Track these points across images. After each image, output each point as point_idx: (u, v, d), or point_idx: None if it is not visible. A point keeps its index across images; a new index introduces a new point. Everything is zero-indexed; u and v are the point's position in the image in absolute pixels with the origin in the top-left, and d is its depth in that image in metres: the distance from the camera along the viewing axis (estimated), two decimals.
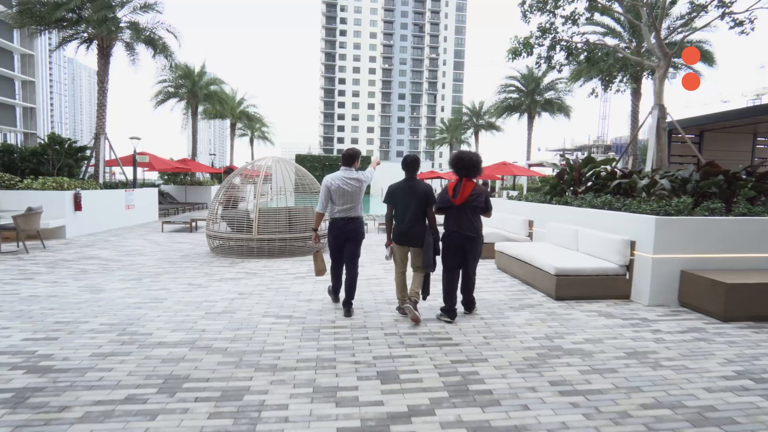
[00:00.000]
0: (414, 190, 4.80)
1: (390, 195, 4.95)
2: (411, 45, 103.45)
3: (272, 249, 8.80)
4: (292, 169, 9.97)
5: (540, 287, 6.31)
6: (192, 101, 27.50)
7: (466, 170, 4.88)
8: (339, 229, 5.07)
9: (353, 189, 5.03)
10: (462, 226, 4.84)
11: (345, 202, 5.02)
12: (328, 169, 44.35)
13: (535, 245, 7.48)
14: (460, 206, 4.83)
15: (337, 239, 5.11)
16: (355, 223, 5.08)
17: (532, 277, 6.54)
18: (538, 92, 28.94)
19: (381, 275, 7.43)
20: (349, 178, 5.05)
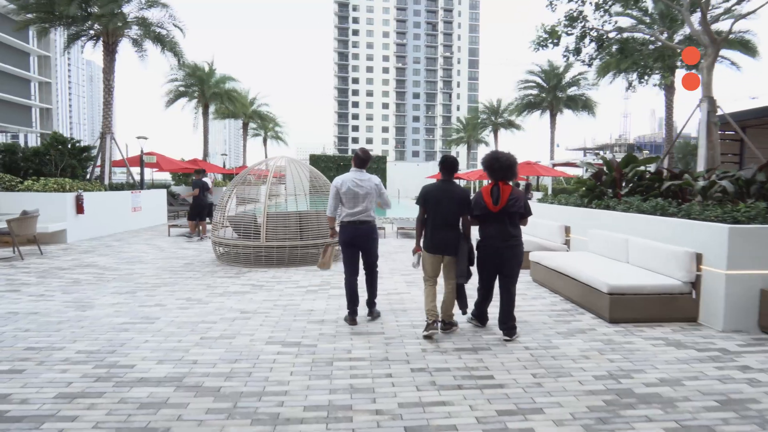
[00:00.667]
0: (451, 194, 4.41)
1: (423, 197, 4.53)
2: (424, 44, 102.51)
3: (281, 257, 8.07)
4: (304, 170, 9.24)
5: (588, 306, 5.46)
6: (202, 100, 27.01)
7: (503, 172, 4.45)
8: (350, 232, 4.84)
9: (365, 191, 4.80)
10: (501, 234, 4.42)
11: (355, 205, 4.79)
12: (342, 169, 43.51)
13: (577, 256, 6.62)
14: (498, 213, 4.38)
15: (349, 245, 4.89)
16: (367, 225, 4.85)
17: (579, 295, 5.69)
18: (561, 88, 27.80)
19: (402, 289, 6.65)
20: (360, 180, 4.83)
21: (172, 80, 26.31)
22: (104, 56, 16.69)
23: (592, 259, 6.30)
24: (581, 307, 5.65)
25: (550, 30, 9.90)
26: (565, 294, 6.09)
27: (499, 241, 4.43)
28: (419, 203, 4.58)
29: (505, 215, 4.41)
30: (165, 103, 26.35)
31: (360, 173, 4.91)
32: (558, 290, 6.33)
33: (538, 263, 6.95)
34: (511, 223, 4.45)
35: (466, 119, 49.57)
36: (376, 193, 4.93)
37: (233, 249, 8.21)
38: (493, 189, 4.45)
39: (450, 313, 4.58)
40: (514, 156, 4.62)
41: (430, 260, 4.54)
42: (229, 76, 28.28)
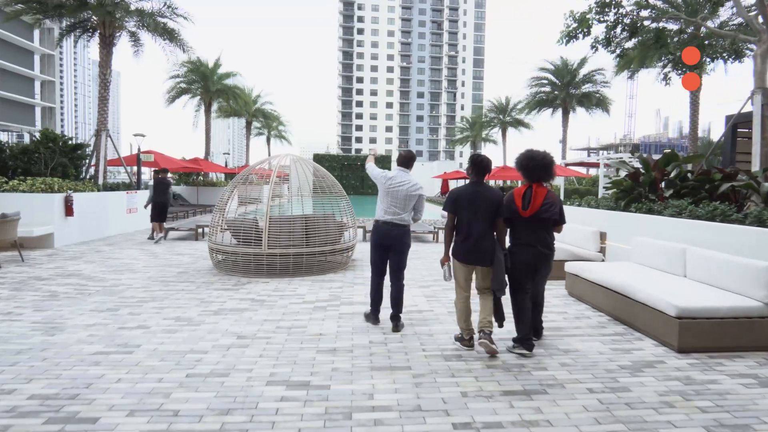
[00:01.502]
0: (484, 197, 4.02)
1: (453, 202, 4.13)
2: (429, 43, 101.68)
3: (285, 266, 7.27)
4: (309, 169, 8.44)
5: (646, 330, 4.62)
6: (205, 97, 26.22)
7: (539, 173, 4.12)
8: (383, 233, 4.72)
9: (404, 194, 4.65)
10: (533, 240, 4.08)
11: (394, 204, 4.67)
12: (346, 169, 42.87)
13: (623, 268, 5.78)
14: (529, 218, 4.05)
15: (379, 246, 4.78)
16: (400, 229, 4.69)
17: (632, 315, 4.85)
18: (574, 85, 26.87)
19: (423, 305, 5.83)
20: (403, 181, 4.70)
21: (173, 77, 25.53)
22: (100, 49, 15.92)
23: (642, 273, 5.46)
24: (635, 330, 4.82)
25: (580, 18, 9.05)
26: (613, 313, 5.26)
27: (531, 248, 4.07)
28: (448, 208, 4.17)
29: (537, 221, 4.06)
30: (166, 100, 25.59)
31: (403, 173, 4.79)
32: (602, 307, 5.50)
33: (576, 275, 6.12)
34: (545, 229, 4.10)
35: (472, 118, 48.66)
36: (413, 198, 4.74)
37: (232, 256, 7.41)
38: (526, 191, 4.10)
39: (489, 320, 4.06)
40: (550, 155, 4.28)
41: (463, 271, 4.13)
42: (233, 72, 27.49)
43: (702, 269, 4.98)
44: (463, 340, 4.16)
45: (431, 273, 7.78)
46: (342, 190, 8.45)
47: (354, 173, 43.25)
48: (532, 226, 4.08)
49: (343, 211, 8.28)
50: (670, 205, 6.58)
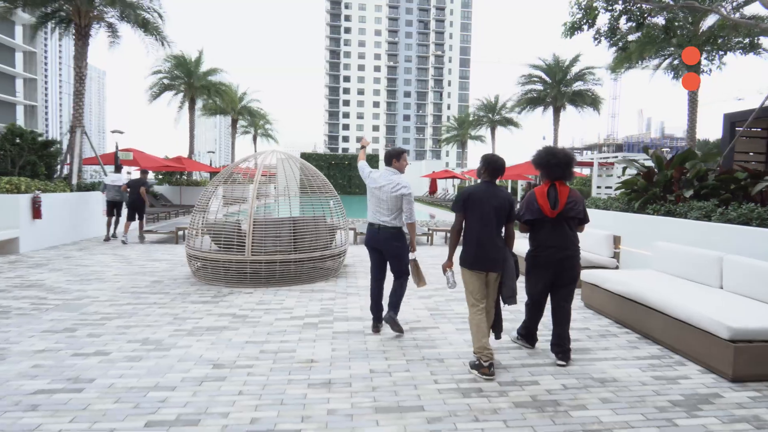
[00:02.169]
0: (497, 198, 3.75)
1: (463, 201, 3.80)
2: (416, 42, 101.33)
3: (271, 275, 6.57)
4: (297, 167, 7.75)
5: (689, 353, 4.02)
6: (188, 94, 25.19)
7: (561, 170, 3.92)
8: (370, 236, 4.55)
9: (385, 195, 4.38)
10: (560, 242, 3.87)
11: (378, 206, 4.46)
12: (333, 168, 42.15)
13: (647, 277, 5.20)
14: (554, 218, 3.86)
15: (370, 249, 4.63)
16: (387, 232, 4.42)
17: (670, 335, 4.25)
18: (566, 83, 26.45)
19: (427, 320, 5.18)
20: (386, 181, 4.42)
21: (156, 72, 24.44)
22: (75, 41, 14.96)
23: (670, 284, 4.89)
24: (673, 352, 4.23)
25: (587, 6, 8.49)
26: (643, 330, 4.66)
27: (557, 250, 3.86)
28: (456, 209, 3.83)
29: (562, 221, 3.87)
30: (149, 97, 24.49)
31: (388, 172, 4.51)
32: (629, 323, 4.91)
33: (596, 286, 5.53)
34: (570, 229, 3.92)
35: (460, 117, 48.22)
36: (398, 200, 4.39)
37: (211, 263, 6.68)
38: (550, 190, 3.89)
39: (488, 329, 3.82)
40: (572, 152, 4.15)
41: (475, 280, 3.76)
42: (218, 68, 26.49)
43: (743, 281, 4.42)
44: (482, 368, 3.59)
45: (431, 281, 7.14)
46: (333, 190, 7.78)
47: (341, 172, 42.55)
48: (557, 226, 3.87)
49: (334, 211, 7.60)
50: (694, 206, 6.03)
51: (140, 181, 11.31)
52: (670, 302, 4.22)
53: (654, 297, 4.45)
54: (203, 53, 25.57)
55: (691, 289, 4.64)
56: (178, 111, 25.92)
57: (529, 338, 4.27)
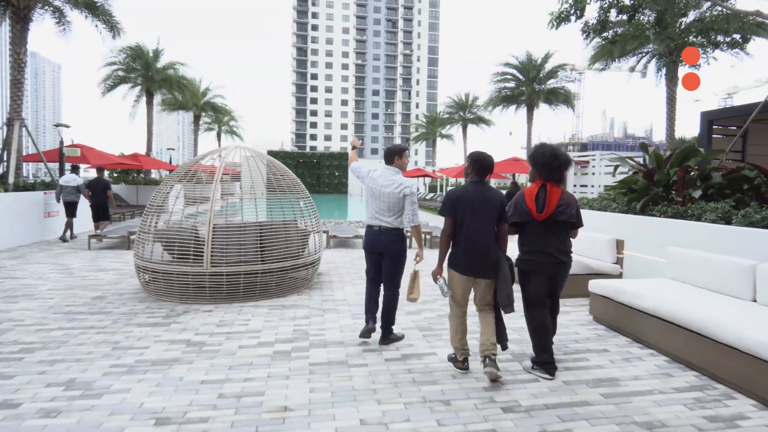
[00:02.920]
0: (489, 199, 3.57)
1: (451, 204, 3.62)
2: (384, 41, 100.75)
3: (234, 289, 5.67)
4: (264, 164, 6.85)
5: (740, 384, 3.40)
6: (146, 87, 23.55)
7: (561, 173, 3.68)
8: (371, 239, 4.26)
9: (386, 195, 4.11)
10: (550, 247, 3.61)
11: (380, 207, 4.17)
12: (302, 166, 40.99)
13: (670, 289, 4.61)
14: (543, 221, 3.63)
15: (369, 253, 4.32)
16: (389, 235, 4.16)
17: (709, 360, 3.64)
18: (539, 81, 26.28)
19: (421, 345, 4.41)
20: (385, 179, 4.17)
21: (110, 63, 22.66)
22: (12, 25, 13.47)
23: (699, 297, 4.31)
24: (716, 381, 3.62)
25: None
26: (673, 352, 4.05)
27: (546, 256, 3.60)
28: (445, 212, 3.61)
29: (552, 224, 3.61)
30: (103, 90, 22.66)
31: (390, 172, 4.21)
32: (654, 343, 4.29)
33: (608, 299, 4.90)
34: (561, 234, 3.65)
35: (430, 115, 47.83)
36: (399, 200, 4.09)
37: (164, 276, 5.71)
38: (539, 191, 3.63)
39: (493, 343, 3.52)
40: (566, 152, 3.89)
41: (461, 284, 3.62)
42: (178, 61, 24.93)
43: None
44: (457, 362, 3.73)
45: None
46: (305, 191, 6.92)
47: (309, 171, 41.41)
48: (546, 230, 3.62)
49: (305, 213, 6.76)
50: (708, 208, 5.52)
51: (102, 182, 10.94)
52: (710, 321, 3.61)
53: (687, 314, 3.83)
54: (162, 45, 24.00)
55: (723, 304, 4.06)
56: (133, 105, 24.22)
57: (548, 366, 3.65)
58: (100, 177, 11.21)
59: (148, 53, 23.33)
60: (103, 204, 10.84)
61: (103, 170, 12.07)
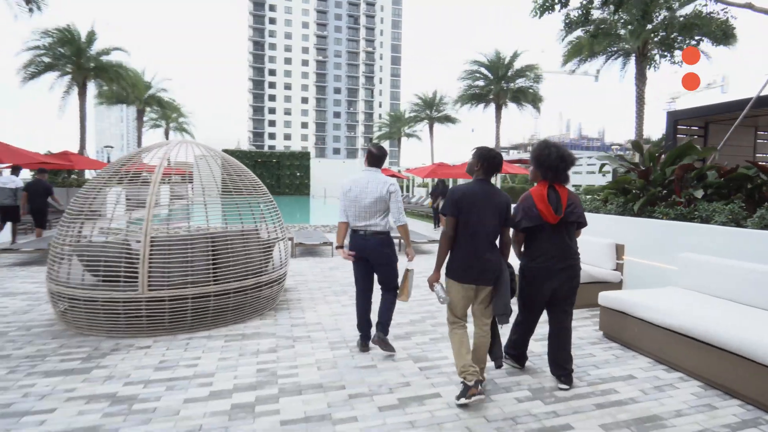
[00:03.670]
0: (494, 200, 3.24)
1: (456, 202, 3.23)
2: (346, 37, 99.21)
3: (179, 317, 4.58)
4: (218, 163, 5.76)
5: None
6: (78, 76, 21.33)
7: (565, 172, 3.44)
8: (357, 244, 3.99)
9: (372, 196, 3.90)
10: (561, 251, 3.39)
11: (361, 211, 3.94)
12: (260, 166, 39.20)
13: (694, 302, 3.99)
14: (557, 224, 3.37)
15: (357, 258, 4.02)
16: (377, 238, 3.95)
17: (758, 388, 3.05)
18: (507, 79, 25.96)
19: (422, 385, 3.51)
20: (368, 182, 3.95)
21: (32, 48, 20.25)
22: None
23: (730, 311, 3.70)
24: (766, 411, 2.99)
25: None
26: (711, 378, 3.42)
27: (558, 261, 3.41)
28: (449, 211, 3.29)
29: (563, 226, 3.43)
30: (23, 78, 20.19)
31: (371, 173, 4.03)
32: (684, 366, 3.64)
33: (622, 313, 4.21)
34: (570, 236, 3.49)
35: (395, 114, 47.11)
36: (384, 199, 3.96)
37: (86, 304, 4.53)
38: (550, 193, 3.42)
39: (483, 365, 3.36)
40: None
41: (460, 293, 3.31)
42: (117, 47, 22.69)
43: None
44: (469, 389, 3.12)
45: (404, 311, 5.49)
46: (267, 193, 5.89)
47: (269, 171, 39.71)
48: (557, 234, 3.42)
49: (267, 219, 5.73)
50: (718, 209, 4.94)
51: (43, 185, 9.90)
52: (757, 344, 2.98)
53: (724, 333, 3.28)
54: (98, 29, 21.68)
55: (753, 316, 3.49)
56: (63, 97, 21.88)
57: (519, 358, 3.78)
58: (39, 179, 10.12)
59: (80, 37, 21.09)
60: (40, 209, 9.86)
61: (45, 172, 10.90)
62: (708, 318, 3.52)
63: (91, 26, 21.44)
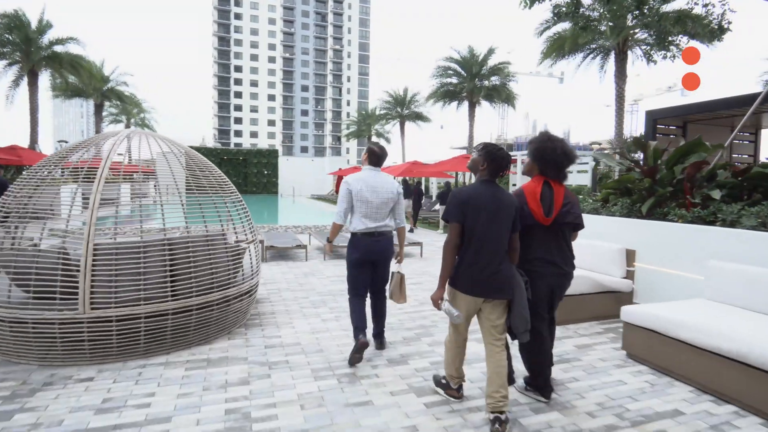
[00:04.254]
0: (503, 203, 2.89)
1: (461, 206, 2.90)
2: (313, 35, 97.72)
3: (130, 340, 3.81)
4: (179, 157, 4.98)
5: None
6: (27, 65, 19.72)
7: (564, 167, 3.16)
8: (366, 247, 3.85)
9: (382, 197, 3.85)
10: (554, 255, 3.13)
11: (372, 212, 3.84)
12: (226, 164, 37.74)
13: (737, 318, 3.51)
14: (550, 225, 3.09)
15: (362, 263, 3.89)
16: (386, 239, 3.94)
17: None
18: (481, 77, 25.68)
19: (416, 411, 2.91)
20: (376, 182, 3.87)
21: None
22: None
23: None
24: None
25: None
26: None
27: (553, 266, 3.11)
28: (453, 217, 2.90)
29: (556, 228, 3.11)
30: None
31: (376, 173, 3.93)
32: (740, 398, 3.14)
33: (655, 333, 3.71)
34: (563, 239, 3.16)
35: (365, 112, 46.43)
36: (394, 199, 3.92)
37: (12, 327, 3.70)
38: (544, 190, 3.09)
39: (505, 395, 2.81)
40: None
41: (466, 307, 2.93)
42: (71, 36, 21.13)
43: None
44: (449, 389, 3.24)
45: (394, 327, 4.86)
46: (236, 192, 5.16)
47: (235, 169, 38.30)
48: (550, 236, 3.14)
49: (235, 220, 5.01)
50: (745, 212, 4.55)
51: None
52: None
53: None
54: (51, 17, 20.29)
55: None
56: (11, 87, 20.20)
57: (543, 389, 3.21)
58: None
59: (29, 24, 19.49)
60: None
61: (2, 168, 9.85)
62: (765, 340, 3.04)
63: (41, 13, 19.74)
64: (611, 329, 4.79)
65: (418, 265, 8.46)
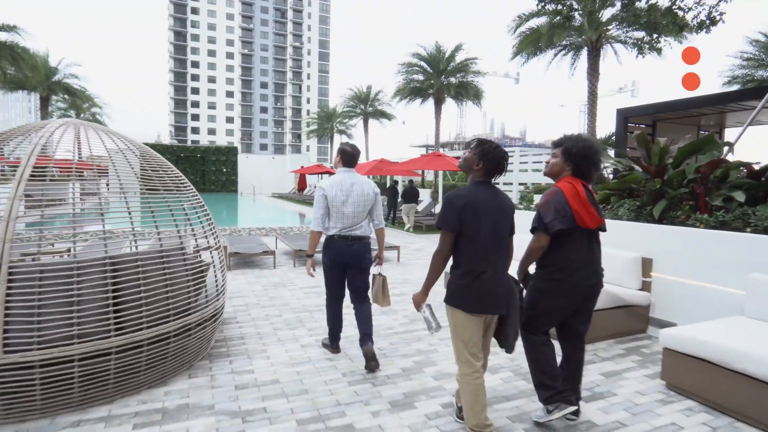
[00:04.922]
0: (502, 207, 2.65)
1: (457, 212, 2.56)
2: (273, 31, 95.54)
3: (62, 387, 2.94)
4: (134, 154, 4.08)
5: None
6: None
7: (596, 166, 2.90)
8: (339, 249, 3.76)
9: (358, 200, 3.74)
10: (593, 262, 2.87)
11: (346, 216, 3.72)
12: (183, 161, 35.88)
13: None
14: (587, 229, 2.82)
15: (336, 266, 3.83)
16: (361, 243, 3.81)
17: None
18: (448, 74, 25.30)
19: None
20: (352, 184, 3.75)
21: None
22: None
23: None
24: None
25: None
26: None
27: (590, 274, 2.84)
28: (450, 225, 2.55)
29: (594, 233, 2.90)
30: None
31: (351, 175, 3.82)
32: None
33: (709, 363, 3.18)
34: (597, 243, 2.93)
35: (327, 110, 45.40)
36: (371, 201, 3.81)
37: None
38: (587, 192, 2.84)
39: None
40: None
41: (473, 326, 2.56)
42: (9, 24, 19.27)
43: None
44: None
45: (389, 353, 4.15)
46: (197, 194, 4.31)
47: (193, 167, 36.49)
48: (588, 241, 2.86)
49: (196, 225, 4.17)
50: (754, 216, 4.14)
51: None
52: None
53: None
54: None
55: None
56: None
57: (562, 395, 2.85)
58: None
59: None
60: None
61: None
62: None
63: None
64: (633, 350, 4.28)
65: (397, 272, 7.81)
